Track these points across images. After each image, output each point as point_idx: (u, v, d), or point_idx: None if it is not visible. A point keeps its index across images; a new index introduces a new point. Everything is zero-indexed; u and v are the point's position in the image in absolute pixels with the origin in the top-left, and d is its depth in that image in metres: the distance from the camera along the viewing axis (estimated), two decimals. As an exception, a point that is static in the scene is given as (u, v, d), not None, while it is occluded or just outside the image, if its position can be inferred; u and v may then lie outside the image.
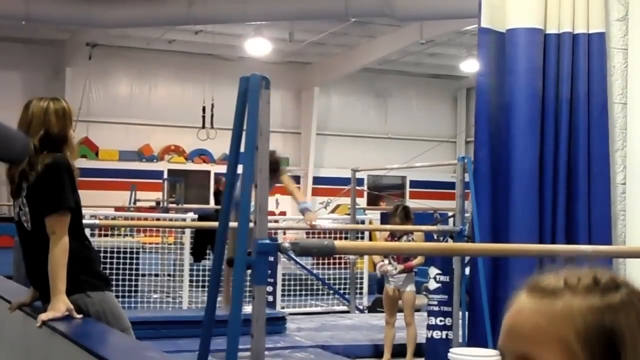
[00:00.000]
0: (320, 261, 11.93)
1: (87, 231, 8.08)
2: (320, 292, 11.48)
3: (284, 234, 11.38)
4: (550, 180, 6.41)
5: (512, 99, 6.40)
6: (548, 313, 1.09)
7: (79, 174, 3.82)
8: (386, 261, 7.53)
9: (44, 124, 3.76)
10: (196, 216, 11.68)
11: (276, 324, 8.37)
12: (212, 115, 19.33)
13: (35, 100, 3.88)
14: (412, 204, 14.32)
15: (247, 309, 3.92)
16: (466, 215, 7.67)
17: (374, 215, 14.93)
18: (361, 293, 11.34)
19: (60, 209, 3.64)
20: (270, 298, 9.94)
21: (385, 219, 13.22)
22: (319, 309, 11.04)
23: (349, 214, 11.58)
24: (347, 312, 10.62)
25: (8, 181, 3.82)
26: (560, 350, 1.07)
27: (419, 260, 7.45)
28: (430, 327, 7.52)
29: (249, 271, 3.80)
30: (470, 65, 19.78)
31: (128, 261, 10.09)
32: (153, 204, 18.29)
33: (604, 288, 1.10)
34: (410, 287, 7.46)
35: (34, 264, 3.80)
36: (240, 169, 4.01)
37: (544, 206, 6.29)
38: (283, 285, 10.84)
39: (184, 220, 11.25)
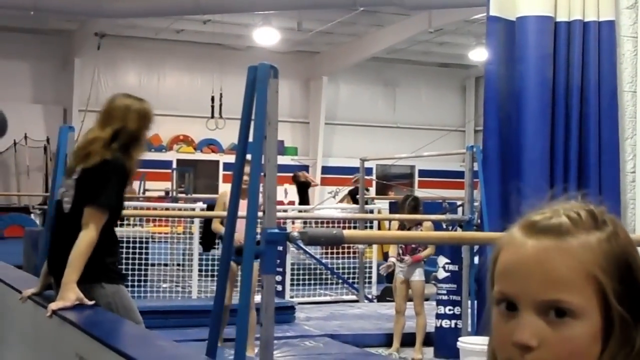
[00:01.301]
0: (329, 250, 11.93)
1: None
2: (329, 282, 11.49)
3: (293, 223, 11.36)
4: (561, 169, 6.38)
5: (522, 87, 6.37)
6: (569, 251, 1.05)
7: (139, 166, 3.92)
8: (392, 259, 7.54)
9: (122, 119, 3.83)
10: (205, 206, 11.69)
11: (285, 313, 8.38)
12: (220, 105, 19.33)
13: (121, 95, 4.01)
14: (421, 193, 14.32)
15: (257, 298, 3.93)
16: (475, 204, 7.66)
17: (383, 204, 14.91)
18: (370, 282, 11.35)
19: (102, 205, 3.71)
20: (280, 287, 9.96)
21: (394, 208, 13.22)
22: (327, 298, 11.06)
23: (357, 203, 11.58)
24: (356, 301, 10.63)
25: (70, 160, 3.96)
26: (589, 289, 1.04)
27: (428, 252, 7.44)
28: (439, 316, 7.52)
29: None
30: (479, 54, 19.71)
31: (137, 251, 10.11)
32: (162, 193, 18.32)
33: (602, 221, 1.09)
34: (420, 277, 7.46)
35: (59, 247, 3.83)
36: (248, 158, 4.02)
37: (555, 195, 6.26)
38: (292, 274, 10.85)
39: (193, 210, 11.26)
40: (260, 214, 3.89)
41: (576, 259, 1.04)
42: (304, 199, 18.45)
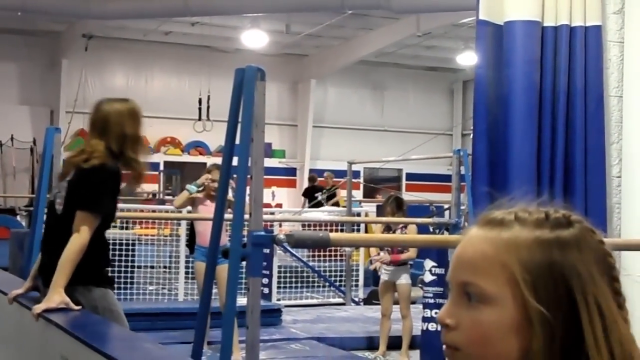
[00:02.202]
0: (316, 253, 11.93)
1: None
2: (316, 285, 11.49)
3: (280, 226, 11.36)
4: (547, 173, 6.40)
5: (510, 91, 6.39)
6: (493, 241, 1.08)
7: (148, 168, 3.91)
8: (382, 253, 7.54)
9: (120, 125, 3.84)
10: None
11: (272, 316, 8.38)
12: (208, 107, 19.30)
13: (106, 101, 4.00)
14: (408, 196, 14.31)
15: (243, 300, 3.92)
16: (462, 207, 7.68)
17: (370, 207, 14.93)
18: (357, 285, 11.35)
19: (94, 210, 3.69)
20: (266, 290, 9.95)
21: (381, 211, 13.24)
22: (314, 301, 11.06)
23: (344, 207, 11.58)
24: (343, 304, 10.63)
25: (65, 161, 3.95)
26: (502, 278, 1.05)
27: (409, 254, 7.44)
28: (425, 320, 7.52)
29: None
30: (467, 58, 19.77)
31: (124, 253, 10.09)
32: (149, 195, 18.28)
33: (555, 223, 1.08)
34: (406, 280, 7.47)
35: (51, 248, 3.81)
36: (235, 161, 4.01)
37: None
38: (279, 277, 10.85)
39: (179, 212, 11.22)
40: (246, 216, 3.89)
41: (496, 248, 1.07)
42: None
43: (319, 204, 16.16)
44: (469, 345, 1.06)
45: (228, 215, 4.71)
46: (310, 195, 18.81)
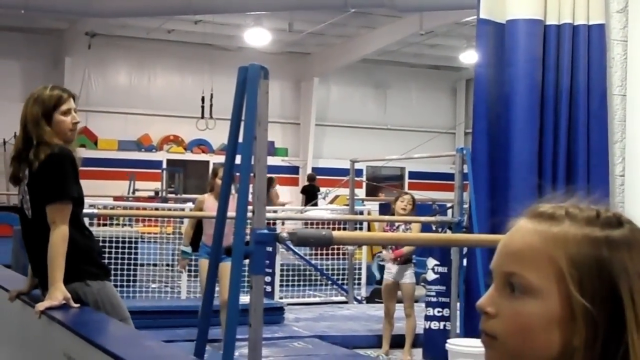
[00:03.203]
0: (319, 252, 11.93)
1: (86, 221, 8.09)
2: (318, 283, 11.49)
3: (283, 224, 11.36)
4: (549, 171, 6.40)
5: (512, 90, 6.39)
6: (542, 234, 1.08)
7: (82, 163, 3.83)
8: (384, 252, 7.56)
9: (32, 112, 3.78)
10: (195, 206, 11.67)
11: (274, 314, 8.38)
12: (211, 105, 19.32)
13: (38, 90, 3.91)
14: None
15: (246, 299, 3.92)
16: (464, 206, 7.67)
17: (373, 206, 14.92)
18: (359, 284, 11.35)
19: (62, 199, 3.64)
20: (269, 288, 9.96)
21: (383, 210, 13.23)
22: (317, 300, 11.06)
23: (347, 205, 11.58)
24: (345, 302, 10.63)
25: (11, 167, 3.83)
26: (548, 272, 1.05)
27: (409, 247, 7.41)
28: (428, 318, 7.53)
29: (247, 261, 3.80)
30: (470, 57, 19.75)
31: (127, 251, 10.09)
32: (152, 193, 18.29)
33: (606, 222, 1.08)
34: (410, 279, 7.47)
35: (35, 251, 3.81)
36: (238, 159, 4.01)
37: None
38: (281, 275, 10.85)
39: (182, 210, 11.24)
40: (249, 214, 3.89)
41: (545, 241, 1.07)
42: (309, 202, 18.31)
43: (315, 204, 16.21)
44: (508, 335, 1.07)
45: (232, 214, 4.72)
46: (308, 194, 18.82)
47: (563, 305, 1.04)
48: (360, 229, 11.27)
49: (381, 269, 9.48)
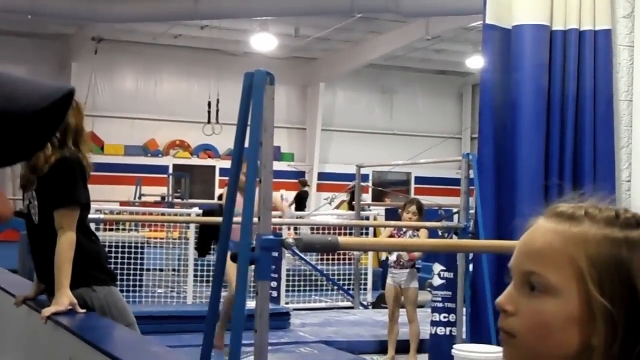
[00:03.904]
0: (325, 257, 11.93)
1: (92, 226, 8.10)
2: (324, 288, 11.48)
3: (289, 229, 11.36)
4: (555, 177, 6.39)
5: (518, 95, 6.38)
6: (562, 234, 1.09)
7: (92, 168, 3.84)
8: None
9: None
10: (201, 211, 11.69)
11: (280, 319, 8.37)
12: (217, 111, 19.35)
13: None
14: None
15: (252, 304, 3.92)
16: (471, 211, 7.66)
17: (379, 210, 14.92)
18: (365, 289, 11.34)
19: (70, 204, 3.65)
20: (275, 293, 9.95)
21: (390, 215, 13.23)
22: (323, 305, 11.05)
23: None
24: (351, 307, 10.62)
25: (23, 172, 3.84)
26: (568, 271, 1.06)
27: (419, 252, 7.44)
28: (434, 324, 7.51)
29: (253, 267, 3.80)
30: (477, 62, 19.72)
31: (133, 256, 10.10)
32: (158, 198, 18.31)
33: (625, 223, 1.09)
34: (413, 284, 7.46)
35: (41, 257, 3.81)
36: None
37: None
38: (287, 280, 10.84)
39: (188, 215, 11.25)
40: (255, 219, 3.89)
41: (564, 241, 1.08)
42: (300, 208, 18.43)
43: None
44: (526, 333, 1.07)
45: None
46: (302, 200, 18.83)
47: (582, 305, 1.05)
48: (367, 234, 11.26)
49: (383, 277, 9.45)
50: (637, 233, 1.08)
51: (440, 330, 7.44)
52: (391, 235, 7.75)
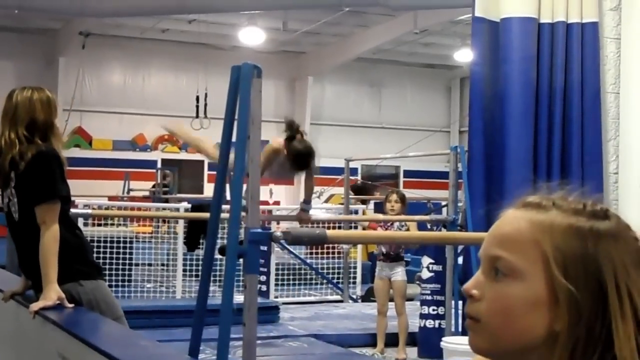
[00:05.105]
0: (314, 251, 11.93)
1: (80, 221, 8.08)
2: (313, 282, 11.48)
3: (278, 223, 11.35)
4: (543, 169, 6.41)
5: (506, 88, 6.40)
6: (529, 219, 1.09)
7: (66, 163, 3.80)
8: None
9: (29, 112, 3.74)
10: (190, 206, 11.67)
11: (269, 313, 8.37)
12: (205, 105, 19.30)
13: (18, 90, 3.85)
14: (406, 193, 14.31)
15: (240, 298, 3.92)
16: (459, 204, 7.68)
17: (368, 204, 14.92)
18: (354, 282, 11.35)
19: (51, 198, 3.63)
20: (264, 287, 9.95)
21: (379, 209, 13.23)
22: (312, 298, 11.05)
23: (342, 204, 11.58)
24: (341, 301, 10.63)
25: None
26: (533, 255, 1.06)
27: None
28: (423, 316, 7.53)
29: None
30: (465, 55, 19.75)
31: (122, 251, 10.08)
32: (147, 193, 18.27)
33: (593, 214, 1.10)
34: (401, 277, 7.47)
35: (25, 253, 3.80)
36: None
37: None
38: (276, 274, 10.84)
39: (177, 210, 11.23)
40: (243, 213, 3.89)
41: (531, 226, 1.08)
42: None
43: None
44: (490, 317, 1.08)
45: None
46: None
47: (546, 288, 1.05)
48: (356, 227, 11.26)
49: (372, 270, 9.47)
50: (605, 224, 1.08)
51: (430, 323, 7.46)
52: (373, 228, 7.74)
